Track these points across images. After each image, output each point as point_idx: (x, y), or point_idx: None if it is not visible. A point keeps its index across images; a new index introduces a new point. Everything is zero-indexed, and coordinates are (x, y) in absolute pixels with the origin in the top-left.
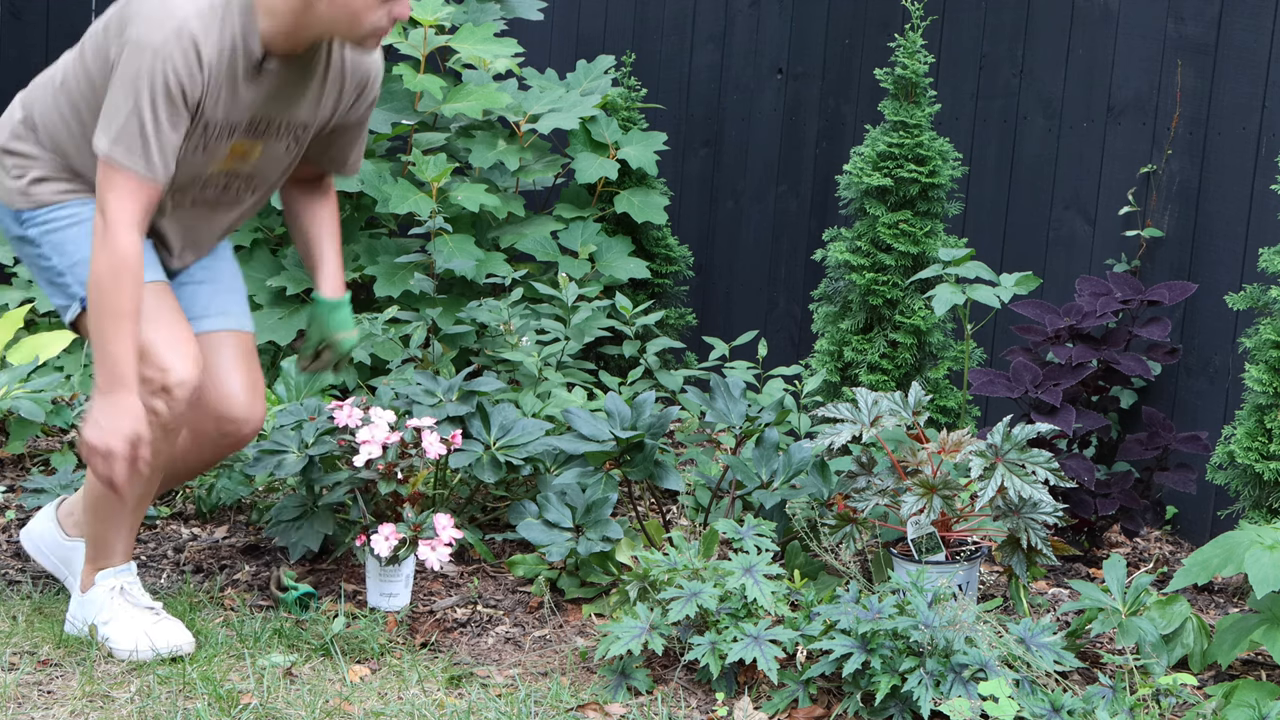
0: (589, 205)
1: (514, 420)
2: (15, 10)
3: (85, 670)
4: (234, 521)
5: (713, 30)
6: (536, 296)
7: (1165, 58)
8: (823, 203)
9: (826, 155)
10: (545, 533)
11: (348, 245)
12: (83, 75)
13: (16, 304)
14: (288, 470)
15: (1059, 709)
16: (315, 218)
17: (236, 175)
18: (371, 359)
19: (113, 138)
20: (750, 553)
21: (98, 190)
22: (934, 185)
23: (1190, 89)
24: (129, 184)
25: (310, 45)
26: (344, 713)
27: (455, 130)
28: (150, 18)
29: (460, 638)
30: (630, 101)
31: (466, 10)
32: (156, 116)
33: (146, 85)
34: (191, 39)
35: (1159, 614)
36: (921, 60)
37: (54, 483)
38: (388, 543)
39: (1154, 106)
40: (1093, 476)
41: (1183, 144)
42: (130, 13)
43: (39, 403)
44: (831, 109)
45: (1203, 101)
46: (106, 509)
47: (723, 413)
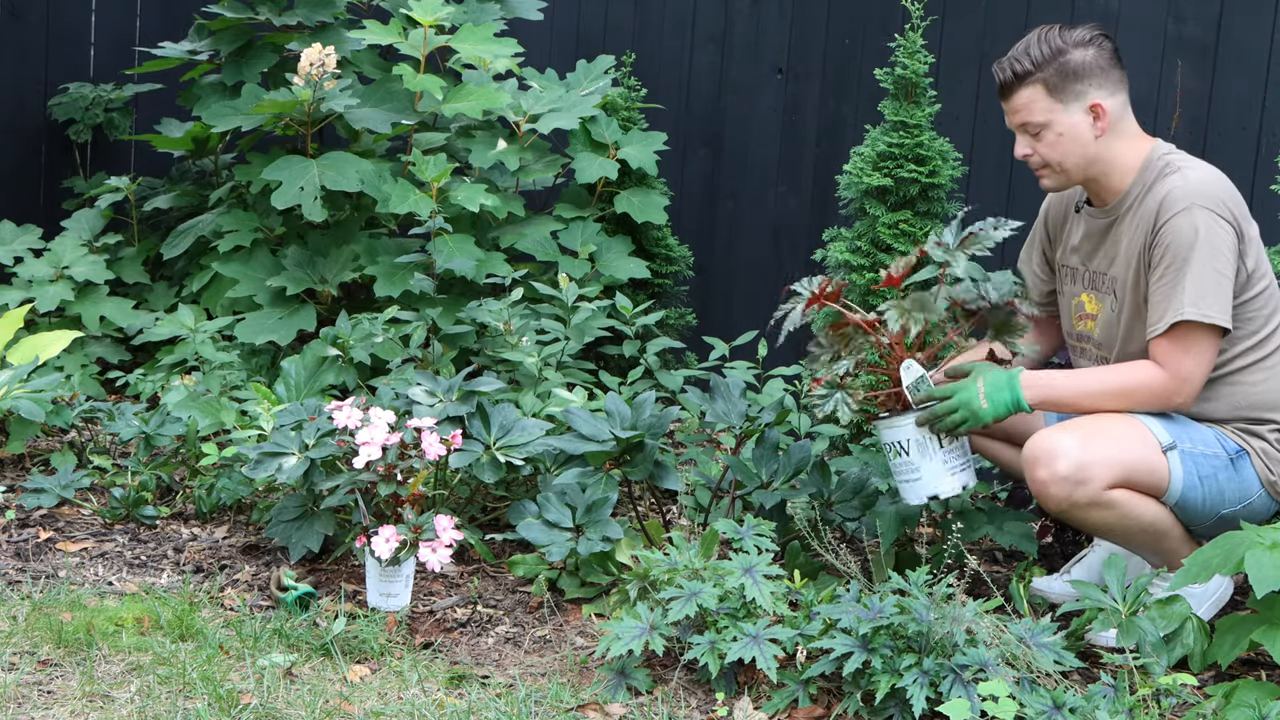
0: (589, 205)
1: (514, 420)
2: (15, 10)
3: (85, 670)
4: (234, 521)
5: (713, 30)
6: (536, 296)
7: (1165, 57)
8: (823, 203)
9: (826, 155)
10: (545, 533)
11: (348, 245)
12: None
13: (16, 304)
14: (288, 474)
15: (1060, 706)
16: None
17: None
18: (371, 359)
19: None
20: (750, 553)
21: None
22: (934, 185)
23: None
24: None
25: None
26: (344, 713)
27: (455, 130)
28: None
29: (460, 638)
30: (630, 101)
31: (466, 10)
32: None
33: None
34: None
35: (1159, 614)
36: (921, 60)
37: (54, 483)
38: (388, 544)
39: (1154, 105)
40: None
41: (1183, 143)
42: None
43: (39, 403)
44: (831, 109)
45: (1203, 101)
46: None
47: (723, 413)
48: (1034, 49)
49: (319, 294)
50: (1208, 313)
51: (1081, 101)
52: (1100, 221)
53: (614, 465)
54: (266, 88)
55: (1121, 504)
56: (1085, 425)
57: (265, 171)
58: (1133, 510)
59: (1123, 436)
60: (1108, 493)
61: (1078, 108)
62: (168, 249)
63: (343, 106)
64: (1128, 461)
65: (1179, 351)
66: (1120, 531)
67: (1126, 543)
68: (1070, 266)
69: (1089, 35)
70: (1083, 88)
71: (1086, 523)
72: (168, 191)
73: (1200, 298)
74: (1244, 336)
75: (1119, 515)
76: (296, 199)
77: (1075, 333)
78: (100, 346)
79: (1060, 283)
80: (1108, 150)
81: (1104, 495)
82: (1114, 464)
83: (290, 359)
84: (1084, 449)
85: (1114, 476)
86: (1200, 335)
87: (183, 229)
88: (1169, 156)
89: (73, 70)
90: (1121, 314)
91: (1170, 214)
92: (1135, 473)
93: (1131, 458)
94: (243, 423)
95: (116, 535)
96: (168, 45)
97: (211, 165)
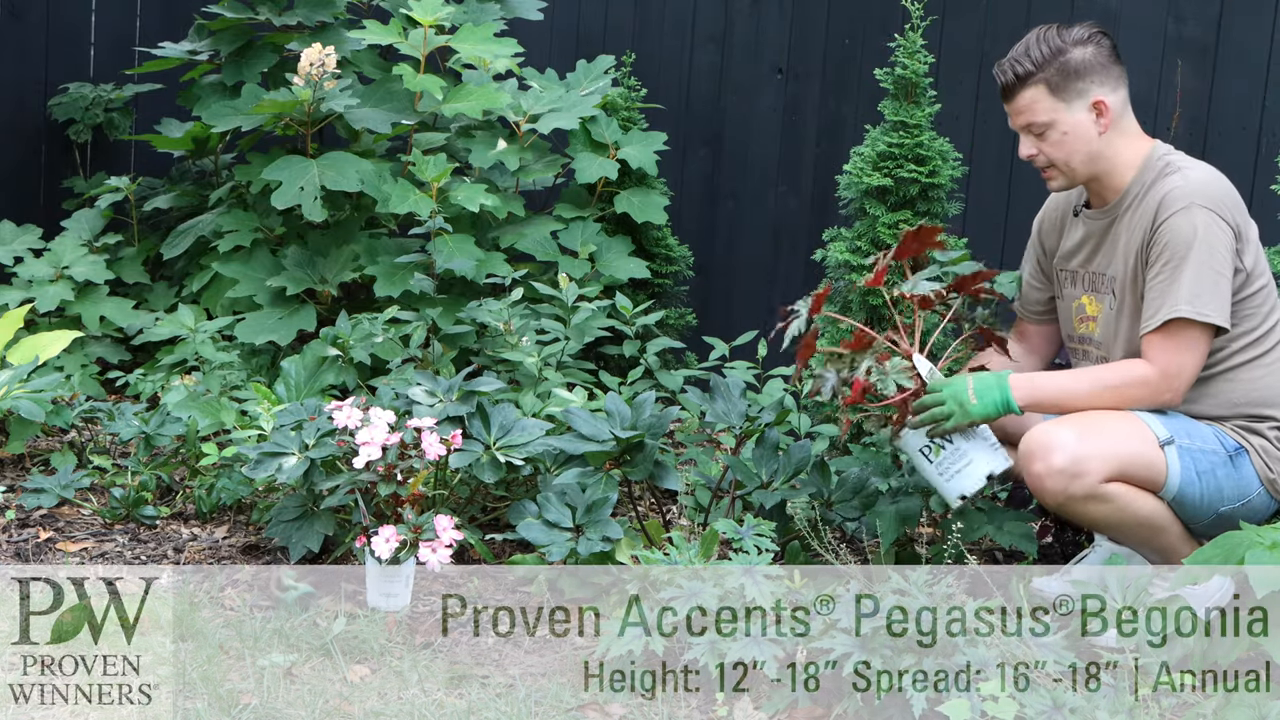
0: (589, 205)
1: (514, 420)
2: (15, 10)
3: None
4: (234, 521)
5: (713, 30)
6: (536, 296)
7: (1165, 57)
8: (823, 203)
9: (826, 155)
10: (545, 533)
11: (348, 245)
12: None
13: (16, 304)
14: (288, 474)
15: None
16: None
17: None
18: (371, 359)
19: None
20: (750, 553)
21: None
22: (934, 185)
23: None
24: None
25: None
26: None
27: (455, 130)
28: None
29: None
30: (630, 101)
31: (466, 10)
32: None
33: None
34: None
35: (1159, 613)
36: (921, 60)
37: (54, 483)
38: (388, 544)
39: (1154, 105)
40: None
41: (1183, 143)
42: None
43: (39, 403)
44: (831, 109)
45: (1203, 101)
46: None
47: (723, 413)
48: (1034, 50)
49: (319, 294)
50: (1203, 311)
51: (1084, 99)
52: (1100, 222)
53: (614, 465)
54: (266, 88)
55: (1118, 497)
56: (1082, 420)
57: (265, 171)
58: (1130, 504)
59: (1120, 431)
60: (1104, 486)
61: (1080, 105)
62: (168, 249)
63: (343, 106)
64: (1124, 455)
65: (1170, 348)
66: (1118, 526)
67: (1125, 538)
68: (1070, 270)
69: (1087, 33)
70: (1084, 85)
71: (1084, 517)
72: (168, 191)
73: (1196, 296)
74: (1242, 334)
75: (1116, 509)
76: (296, 199)
77: (1076, 335)
78: (100, 346)
79: (1060, 287)
80: (1110, 147)
81: (1100, 488)
82: (1110, 457)
83: (290, 359)
84: (1080, 442)
85: (1110, 469)
86: (1193, 333)
87: (183, 229)
88: (1169, 157)
89: (73, 70)
90: (1120, 313)
91: (1170, 212)
92: (1132, 466)
93: (1128, 451)
94: (243, 423)
95: (116, 535)
96: (168, 45)
97: (211, 165)
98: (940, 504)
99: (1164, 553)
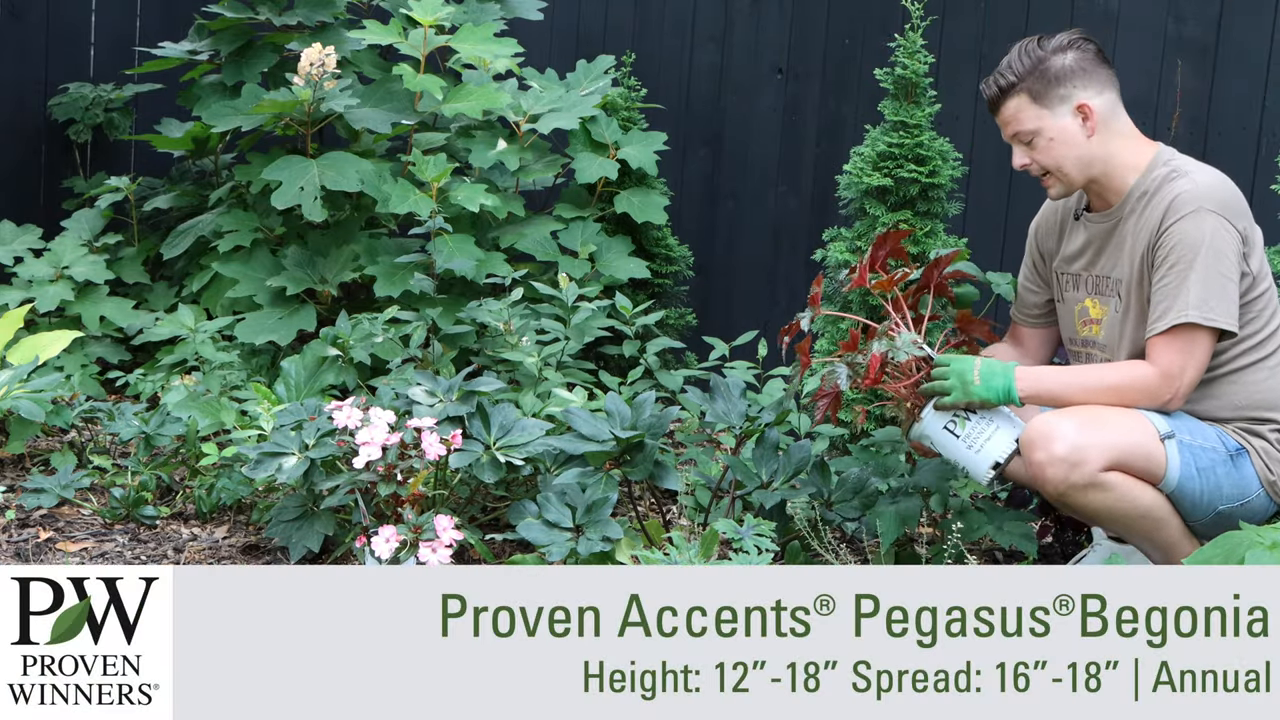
0: (589, 205)
1: (514, 420)
2: (15, 10)
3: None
4: (234, 521)
5: (713, 30)
6: (536, 296)
7: (1165, 57)
8: (823, 203)
9: (826, 155)
10: (545, 533)
11: (348, 245)
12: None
13: (16, 304)
14: (288, 474)
15: None
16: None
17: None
18: (371, 359)
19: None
20: (750, 553)
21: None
22: (934, 185)
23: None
24: None
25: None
26: None
27: (455, 130)
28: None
29: None
30: (630, 101)
31: (466, 10)
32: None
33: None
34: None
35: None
36: (921, 60)
37: (54, 483)
38: (388, 544)
39: (1154, 105)
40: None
41: (1183, 143)
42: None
43: (39, 403)
44: (831, 109)
45: (1203, 101)
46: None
47: (723, 413)
48: (1015, 62)
49: (319, 294)
50: (1211, 315)
51: (1067, 104)
52: (1103, 225)
53: (614, 465)
54: (266, 88)
55: (1118, 486)
56: (1084, 412)
57: (265, 171)
58: (1129, 493)
59: (1121, 423)
60: (1104, 474)
61: (1064, 110)
62: (168, 249)
63: (343, 106)
64: (1124, 445)
65: (1176, 351)
66: (1118, 516)
67: (1125, 530)
68: (1072, 273)
69: (1068, 40)
70: (1066, 91)
71: (1085, 507)
72: (168, 191)
73: (1204, 300)
74: (1246, 336)
75: (1116, 498)
76: (296, 199)
77: (1080, 339)
78: (100, 346)
79: (1061, 291)
80: (1104, 149)
81: (1100, 477)
82: (1110, 446)
83: (290, 359)
84: (1080, 431)
85: (1110, 459)
86: (1199, 337)
87: (183, 229)
88: (1174, 161)
89: (73, 70)
90: (1125, 316)
91: (1178, 216)
92: (1132, 457)
93: (1128, 442)
94: (243, 423)
95: (116, 535)
96: (168, 45)
97: (211, 165)
98: (940, 503)
99: (1165, 549)
